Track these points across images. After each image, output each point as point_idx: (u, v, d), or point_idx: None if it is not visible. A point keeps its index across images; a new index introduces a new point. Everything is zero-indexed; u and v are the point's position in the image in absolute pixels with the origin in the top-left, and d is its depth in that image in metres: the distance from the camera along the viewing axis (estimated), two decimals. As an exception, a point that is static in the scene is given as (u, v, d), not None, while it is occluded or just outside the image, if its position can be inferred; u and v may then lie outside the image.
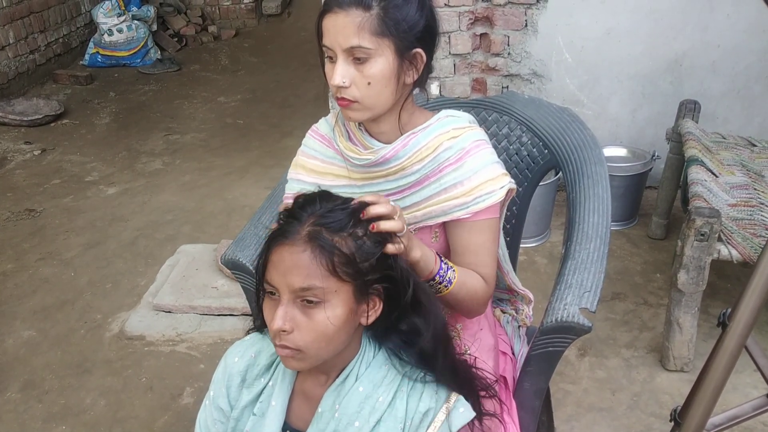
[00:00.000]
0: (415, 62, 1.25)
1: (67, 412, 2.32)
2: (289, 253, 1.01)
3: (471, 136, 1.30)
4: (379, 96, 1.23)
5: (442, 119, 1.33)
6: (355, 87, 1.21)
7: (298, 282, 1.00)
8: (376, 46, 1.18)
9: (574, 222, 1.52)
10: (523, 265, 2.93)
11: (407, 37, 1.20)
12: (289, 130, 4.42)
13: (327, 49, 1.22)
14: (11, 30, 5.22)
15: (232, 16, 6.90)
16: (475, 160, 1.28)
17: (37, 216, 3.63)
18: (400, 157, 1.29)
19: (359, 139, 1.33)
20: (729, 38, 3.06)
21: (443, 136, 1.29)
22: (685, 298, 2.19)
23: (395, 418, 1.08)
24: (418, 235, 1.34)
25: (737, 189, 2.36)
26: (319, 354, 1.06)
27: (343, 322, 1.03)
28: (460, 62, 3.22)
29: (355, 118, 1.28)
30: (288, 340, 1.04)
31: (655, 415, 2.17)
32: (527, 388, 1.42)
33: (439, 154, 1.29)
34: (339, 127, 1.37)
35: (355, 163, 1.32)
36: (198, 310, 2.72)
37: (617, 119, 3.32)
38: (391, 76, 1.21)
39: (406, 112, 1.31)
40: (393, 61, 1.20)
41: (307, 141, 1.44)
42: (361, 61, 1.19)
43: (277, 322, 1.02)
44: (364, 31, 1.16)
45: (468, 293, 1.25)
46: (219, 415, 1.21)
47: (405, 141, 1.29)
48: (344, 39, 1.18)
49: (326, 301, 1.02)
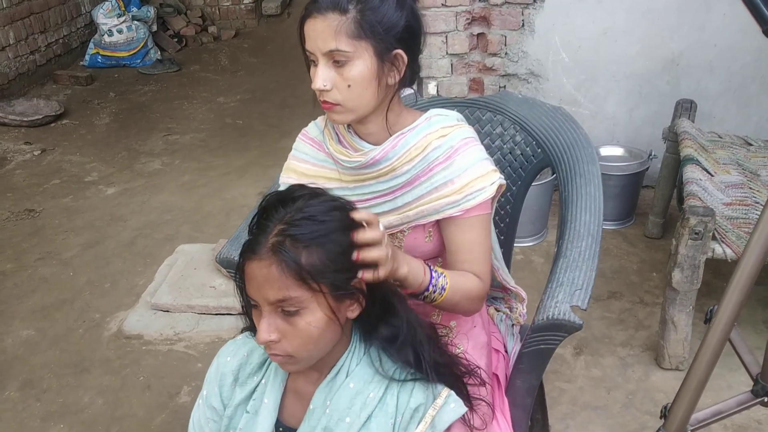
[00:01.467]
0: (397, 63, 1.25)
1: (66, 411, 2.33)
2: (258, 267, 1.01)
3: (459, 134, 1.31)
4: (361, 98, 1.24)
5: (430, 118, 1.34)
6: (336, 90, 1.23)
7: (273, 295, 1.01)
8: (353, 48, 1.19)
9: (566, 220, 1.53)
10: (520, 264, 2.94)
11: (386, 39, 1.21)
12: (288, 131, 4.43)
13: (309, 53, 1.24)
14: (11, 30, 5.23)
15: (232, 16, 6.90)
16: (464, 158, 1.29)
17: (36, 216, 3.65)
18: (389, 158, 1.30)
19: (348, 141, 1.35)
20: (725, 38, 3.07)
21: (432, 136, 1.30)
22: (679, 297, 2.20)
23: (386, 414, 1.09)
24: (411, 235, 1.35)
25: (732, 188, 2.37)
26: (310, 355, 1.07)
27: (325, 324, 1.04)
28: (458, 62, 3.23)
29: (339, 121, 1.29)
30: (277, 349, 1.05)
31: (649, 414, 2.18)
32: (519, 385, 1.43)
33: (429, 154, 1.30)
34: (329, 129, 1.39)
35: (345, 165, 1.34)
36: (196, 309, 2.73)
37: (614, 119, 3.33)
38: (372, 78, 1.22)
39: (392, 112, 1.32)
40: (372, 64, 1.21)
41: (298, 145, 1.45)
42: (341, 64, 1.21)
43: (263, 335, 1.03)
44: (341, 34, 1.18)
45: (463, 295, 1.26)
46: (212, 414, 1.22)
47: (394, 142, 1.30)
48: (323, 43, 1.19)
49: (304, 308, 1.02)
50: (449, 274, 1.25)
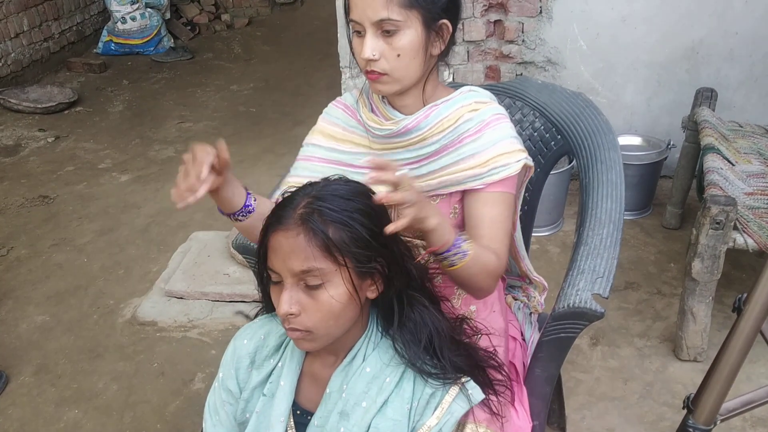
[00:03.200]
0: (442, 33, 1.26)
1: (80, 397, 2.34)
2: (285, 238, 1.01)
3: (492, 109, 1.31)
4: (408, 68, 1.24)
5: (464, 92, 1.34)
6: (384, 60, 1.22)
7: (298, 265, 1.01)
8: (404, 18, 1.19)
9: (587, 207, 1.50)
10: (536, 254, 2.91)
11: (434, 9, 1.22)
12: (301, 119, 4.41)
13: (355, 23, 1.23)
14: (25, 18, 5.23)
15: (245, 4, 6.89)
16: (494, 132, 1.28)
17: (50, 202, 3.65)
18: (422, 127, 1.30)
19: (381, 111, 1.34)
20: (747, 25, 3.02)
21: (464, 108, 1.31)
22: (699, 287, 2.17)
23: (402, 399, 1.08)
24: (437, 207, 1.33)
25: (754, 177, 2.33)
26: (329, 332, 1.06)
27: (348, 299, 1.04)
28: (474, 49, 3.20)
29: (385, 91, 1.29)
30: (297, 323, 1.04)
31: (667, 405, 2.15)
32: (538, 374, 1.40)
33: (460, 125, 1.29)
34: (363, 98, 1.39)
35: (376, 133, 1.33)
36: (210, 296, 2.72)
37: (632, 107, 3.28)
38: (420, 47, 1.23)
39: (430, 84, 1.32)
40: (421, 33, 1.22)
41: (330, 110, 1.45)
42: (390, 34, 1.20)
43: (284, 306, 1.02)
44: (393, 3, 1.18)
45: (481, 268, 1.21)
46: (228, 397, 1.21)
47: (427, 112, 1.30)
48: (373, 12, 1.19)
49: (328, 281, 1.02)
50: (473, 242, 1.22)
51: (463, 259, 1.18)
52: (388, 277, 1.07)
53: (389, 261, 1.07)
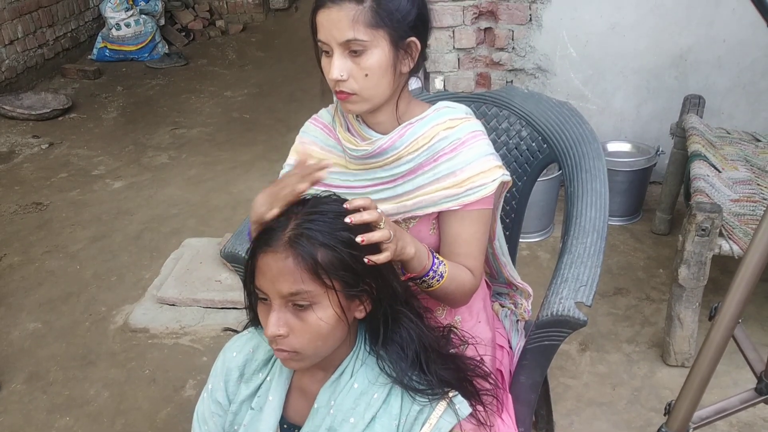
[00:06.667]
0: (410, 51, 1.26)
1: (71, 404, 2.35)
2: (274, 260, 1.02)
3: (467, 127, 1.31)
4: (377, 87, 1.24)
5: (439, 110, 1.34)
6: (353, 80, 1.22)
7: (286, 288, 1.01)
8: (371, 38, 1.19)
9: (571, 216, 1.52)
10: (526, 260, 2.93)
11: (401, 27, 1.21)
12: (295, 125, 4.36)
13: (322, 43, 1.23)
14: (20, 24, 5.25)
15: (239, 10, 6.91)
16: (470, 151, 1.28)
17: (43, 209, 3.66)
18: (396, 147, 1.30)
19: (357, 130, 1.35)
20: (735, 33, 3.04)
21: (439, 126, 1.30)
22: (686, 294, 2.19)
23: (390, 416, 1.08)
24: (417, 227, 1.35)
25: (740, 184, 2.35)
26: (316, 353, 1.07)
27: (336, 321, 1.04)
28: (465, 57, 3.22)
29: (355, 111, 1.29)
30: (284, 344, 1.05)
31: (655, 410, 2.17)
32: (523, 381, 1.42)
33: (435, 144, 1.30)
34: (339, 117, 1.39)
35: (352, 154, 1.34)
36: (202, 303, 2.73)
37: (622, 114, 3.31)
38: (388, 66, 1.22)
39: (403, 101, 1.32)
40: (389, 52, 1.21)
41: (307, 128, 1.45)
42: (358, 54, 1.20)
43: (271, 328, 1.03)
44: (359, 23, 1.17)
45: (457, 286, 1.26)
46: (216, 409, 1.22)
47: (402, 131, 1.30)
48: (339, 33, 1.18)
49: (316, 303, 1.02)
50: (447, 262, 1.26)
51: (440, 281, 1.22)
52: (376, 297, 1.08)
53: (377, 282, 1.07)
